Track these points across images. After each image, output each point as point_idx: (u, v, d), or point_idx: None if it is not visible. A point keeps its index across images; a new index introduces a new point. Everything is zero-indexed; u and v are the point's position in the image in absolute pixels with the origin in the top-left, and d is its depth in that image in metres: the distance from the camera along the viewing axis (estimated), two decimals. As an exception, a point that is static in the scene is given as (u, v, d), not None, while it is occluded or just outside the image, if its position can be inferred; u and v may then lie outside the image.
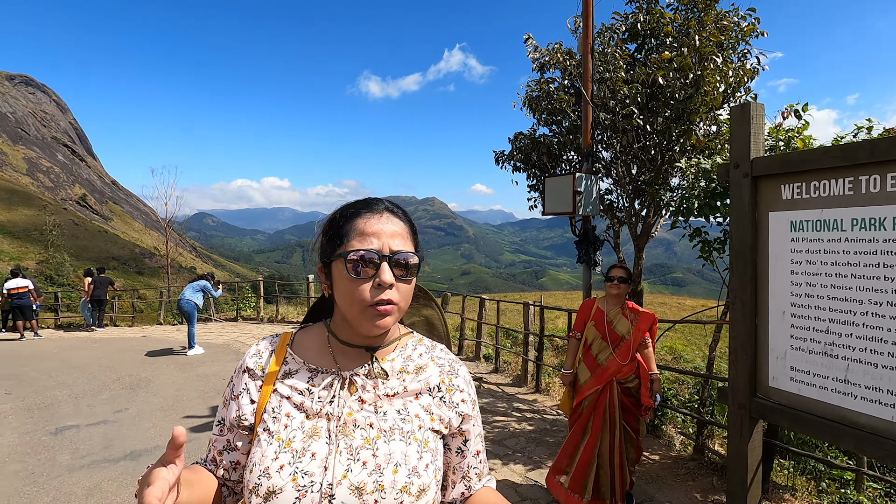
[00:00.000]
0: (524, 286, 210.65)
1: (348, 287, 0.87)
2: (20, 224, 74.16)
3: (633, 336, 3.19)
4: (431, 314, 1.20)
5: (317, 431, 0.87)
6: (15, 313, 12.75)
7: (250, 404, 0.93)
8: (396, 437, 0.88)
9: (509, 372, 7.89)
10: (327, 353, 0.96)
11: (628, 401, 3.25)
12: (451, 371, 1.00)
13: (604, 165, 5.45)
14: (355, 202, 0.96)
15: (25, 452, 5.02)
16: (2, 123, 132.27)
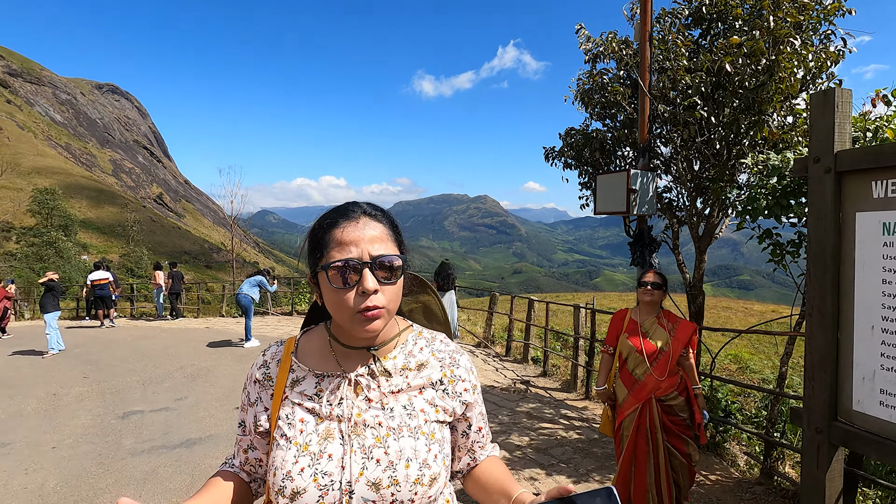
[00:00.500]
0: (577, 286, 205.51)
1: (333, 297, 0.90)
2: (106, 220, 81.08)
3: (672, 348, 2.89)
4: (429, 300, 1.22)
5: (330, 433, 0.92)
6: (97, 303, 13.90)
7: (265, 412, 0.99)
8: (405, 433, 0.92)
9: (558, 376, 7.63)
10: (330, 356, 1.00)
11: (671, 421, 2.94)
12: (451, 363, 1.04)
13: (662, 161, 5.10)
14: (332, 210, 0.97)
15: (96, 434, 5.39)
16: (92, 128, 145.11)
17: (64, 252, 47.23)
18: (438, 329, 1.18)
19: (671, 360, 2.90)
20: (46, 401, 6.77)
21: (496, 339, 10.32)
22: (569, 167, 5.65)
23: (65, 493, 4.03)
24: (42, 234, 51.47)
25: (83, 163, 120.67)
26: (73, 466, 4.53)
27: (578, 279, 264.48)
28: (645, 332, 2.99)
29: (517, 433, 5.10)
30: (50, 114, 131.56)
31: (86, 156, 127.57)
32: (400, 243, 0.97)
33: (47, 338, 9.88)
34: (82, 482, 4.20)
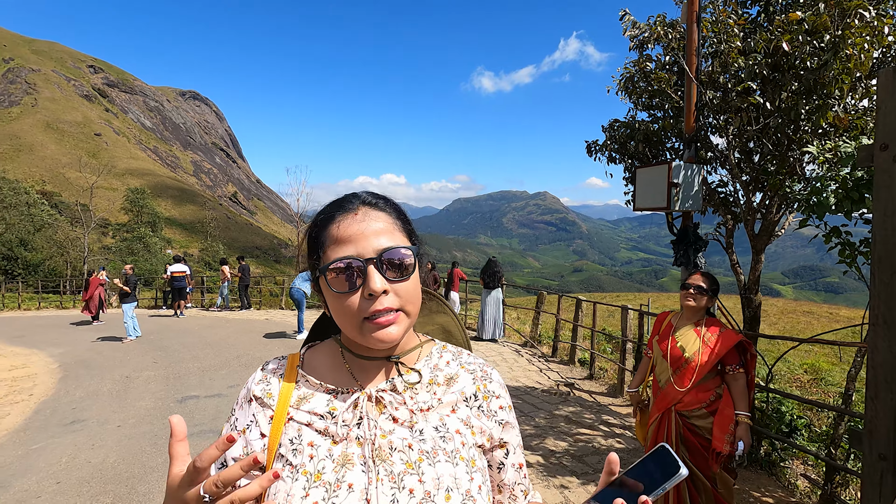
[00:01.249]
0: (642, 286, 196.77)
1: (336, 304, 0.77)
2: (187, 217, 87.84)
3: (702, 359, 2.58)
4: (447, 321, 1.06)
5: (349, 459, 0.75)
6: (174, 294, 15.04)
7: (260, 439, 0.80)
8: (441, 457, 0.77)
9: (605, 380, 7.30)
10: (343, 370, 0.84)
11: (696, 440, 2.61)
12: (484, 376, 0.89)
13: (717, 153, 4.69)
14: (328, 204, 0.84)
15: (155, 416, 5.81)
16: (176, 132, 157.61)
17: (151, 246, 51.63)
18: None
19: (698, 372, 2.58)
20: (120, 382, 7.40)
21: (543, 339, 10.07)
22: (613, 161, 5.36)
23: (120, 469, 4.36)
24: (133, 230, 56.62)
25: (168, 164, 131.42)
26: (132, 445, 4.91)
27: (643, 279, 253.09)
28: (676, 337, 2.73)
29: (553, 437, 4.92)
30: (141, 120, 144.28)
31: (171, 158, 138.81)
32: (410, 233, 0.84)
33: (125, 326, 10.83)
34: (136, 460, 4.54)
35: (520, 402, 6.07)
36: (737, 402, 2.54)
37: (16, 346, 10.69)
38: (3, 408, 6.39)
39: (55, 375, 8.00)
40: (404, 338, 0.85)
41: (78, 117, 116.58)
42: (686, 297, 2.72)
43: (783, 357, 9.79)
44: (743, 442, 2.48)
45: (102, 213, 58.50)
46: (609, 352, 9.18)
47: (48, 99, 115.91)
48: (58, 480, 4.18)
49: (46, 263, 37.60)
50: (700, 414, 2.61)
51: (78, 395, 6.85)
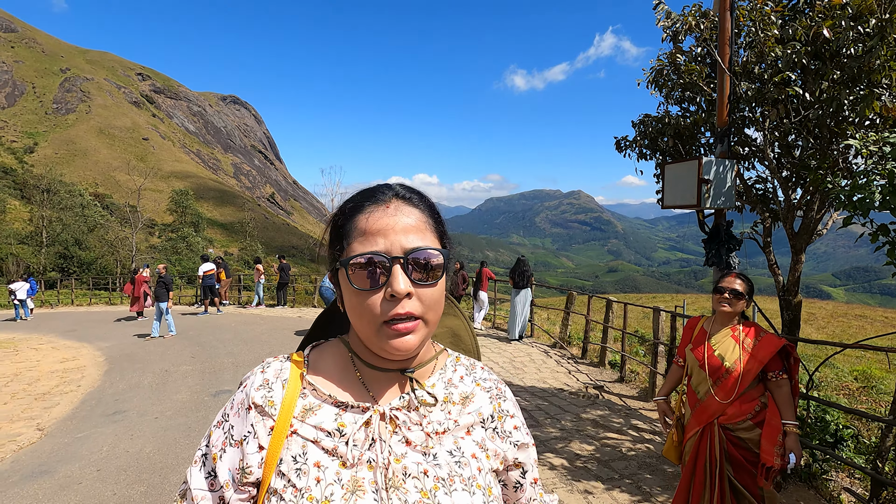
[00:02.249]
0: (680, 287, 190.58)
1: (354, 301, 0.71)
2: (228, 218, 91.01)
3: (745, 367, 2.40)
4: (457, 324, 1.00)
5: (360, 485, 0.69)
6: (205, 292, 15.50)
7: (258, 452, 0.72)
8: (458, 485, 0.72)
9: (636, 383, 7.10)
10: (354, 379, 0.78)
11: (741, 455, 2.44)
12: (499, 395, 0.84)
13: (753, 148, 4.47)
14: (359, 193, 0.78)
15: (190, 409, 6.04)
16: (217, 136, 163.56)
17: (194, 245, 53.75)
18: None
19: (741, 382, 2.41)
20: (160, 375, 7.73)
21: (572, 341, 9.88)
22: (643, 157, 5.20)
23: (156, 459, 4.55)
24: (177, 230, 59.15)
25: (210, 167, 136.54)
26: (167, 436, 5.11)
27: (681, 279, 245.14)
28: (712, 344, 2.54)
29: (579, 441, 4.82)
30: (185, 124, 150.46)
31: (212, 160, 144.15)
32: (442, 234, 0.78)
33: (165, 322, 11.29)
34: (171, 451, 4.72)
35: (546, 405, 5.98)
36: (783, 410, 2.36)
37: (68, 340, 11.34)
38: (54, 397, 6.78)
39: (101, 368, 8.43)
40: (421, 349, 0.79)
41: (127, 123, 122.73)
42: (720, 301, 2.53)
43: (830, 363, 9.26)
44: (794, 454, 2.30)
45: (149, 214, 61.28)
46: (641, 354, 8.93)
47: (100, 106, 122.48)
48: (98, 468, 4.39)
49: (98, 262, 39.78)
50: (745, 426, 2.43)
51: (121, 387, 7.20)
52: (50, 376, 7.94)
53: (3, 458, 4.76)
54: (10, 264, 33.96)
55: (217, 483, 0.74)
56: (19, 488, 4.05)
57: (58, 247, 40.21)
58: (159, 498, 3.82)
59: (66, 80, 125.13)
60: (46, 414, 6.07)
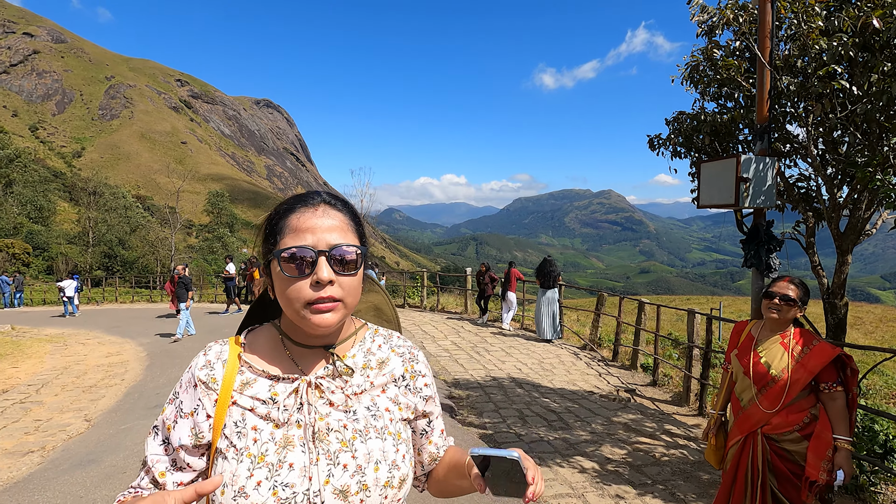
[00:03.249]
0: (716, 289, 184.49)
1: (284, 286, 0.83)
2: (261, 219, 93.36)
3: (793, 377, 2.26)
4: (379, 300, 1.17)
5: (290, 441, 0.83)
6: (228, 292, 15.70)
7: (206, 420, 0.86)
8: (372, 435, 0.87)
9: (669, 387, 6.92)
10: (284, 356, 0.91)
11: (787, 467, 2.31)
12: (411, 358, 0.99)
13: (796, 145, 4.29)
14: (291, 197, 0.92)
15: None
16: (251, 139, 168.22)
17: (229, 246, 55.39)
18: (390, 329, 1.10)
19: (788, 392, 2.27)
20: (197, 371, 8.00)
21: (603, 343, 9.71)
22: (678, 156, 5.06)
23: (194, 451, 4.71)
24: (213, 230, 61.12)
25: (244, 169, 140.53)
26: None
27: (717, 281, 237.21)
28: (759, 351, 2.41)
29: (609, 445, 4.73)
30: (221, 128, 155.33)
31: (246, 163, 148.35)
32: (361, 235, 0.92)
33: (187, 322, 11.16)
34: (208, 444, 4.89)
35: (576, 407, 5.89)
36: (835, 424, 2.21)
37: (112, 336, 11.87)
38: (100, 390, 7.12)
39: (143, 363, 8.80)
40: (342, 326, 0.93)
41: (167, 127, 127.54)
42: (769, 308, 2.35)
43: (879, 370, 8.79)
44: (843, 471, 2.16)
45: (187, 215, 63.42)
46: (675, 358, 8.70)
47: (142, 111, 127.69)
48: (140, 459, 4.59)
49: (140, 261, 41.51)
50: (792, 438, 2.30)
51: (161, 381, 7.49)
52: (96, 370, 8.33)
53: (55, 446, 5.03)
54: (60, 263, 35.83)
55: (170, 448, 0.87)
56: (69, 475, 4.27)
57: (103, 246, 42.17)
58: (197, 489, 3.96)
59: (111, 88, 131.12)
60: (93, 406, 6.37)
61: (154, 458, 0.87)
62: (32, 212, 45.95)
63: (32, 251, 37.70)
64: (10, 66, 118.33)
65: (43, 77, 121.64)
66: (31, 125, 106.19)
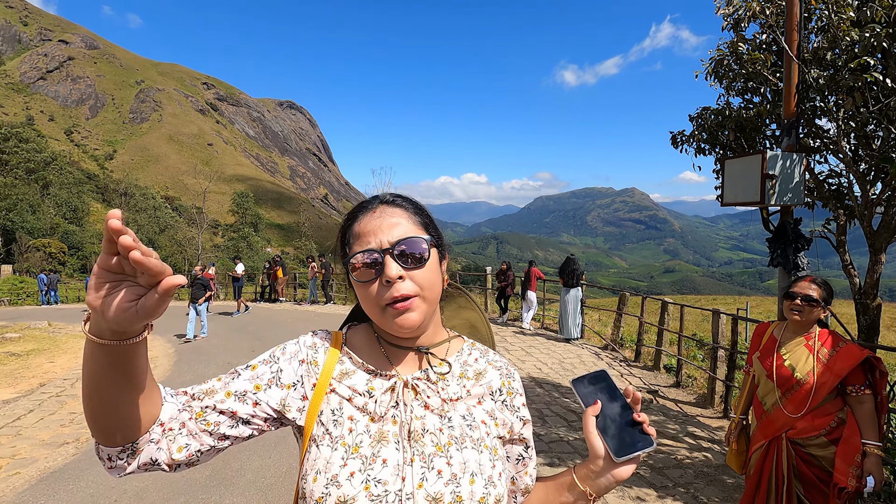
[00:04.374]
0: (743, 289, 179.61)
1: (361, 292, 0.85)
2: (285, 219, 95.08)
3: (819, 380, 2.19)
4: (473, 316, 1.12)
5: (384, 436, 0.82)
6: (237, 293, 15.52)
7: (301, 401, 0.85)
8: (468, 444, 0.84)
9: (693, 389, 6.79)
10: (380, 354, 0.91)
11: (813, 473, 2.25)
12: (508, 374, 0.95)
13: (826, 140, 4.16)
14: (355, 207, 0.93)
15: (250, 399, 6.37)
16: (275, 140, 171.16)
17: (253, 245, 56.53)
18: None
19: (813, 396, 2.20)
20: (223, 367, 8.19)
21: (625, 343, 9.57)
22: (702, 152, 4.96)
23: (219, 445, 4.84)
24: (238, 230, 62.48)
25: (268, 169, 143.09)
26: (229, 424, 5.42)
27: (745, 281, 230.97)
28: (782, 353, 2.33)
29: (631, 446, 4.67)
30: (245, 130, 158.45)
31: (270, 163, 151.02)
32: (427, 226, 0.89)
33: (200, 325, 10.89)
34: (232, 438, 5.01)
35: (597, 407, 5.84)
36: (864, 429, 2.14)
37: (142, 332, 12.24)
38: (130, 385, 7.35)
39: (171, 359, 9.05)
40: (432, 330, 0.91)
41: (194, 129, 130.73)
42: (791, 308, 2.29)
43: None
44: (873, 477, 2.09)
45: (213, 215, 64.85)
46: (700, 359, 8.52)
47: (170, 114, 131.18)
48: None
49: (169, 260, 42.73)
50: (819, 442, 2.23)
51: (188, 377, 7.70)
52: (127, 365, 8.61)
53: (88, 438, 5.22)
54: (93, 262, 37.12)
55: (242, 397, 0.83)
56: (101, 467, 4.42)
57: (133, 246, 43.47)
58: (222, 482, 4.07)
59: (141, 92, 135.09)
60: (124, 400, 6.59)
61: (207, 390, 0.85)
62: (68, 212, 47.76)
63: (68, 250, 39.16)
64: (47, 72, 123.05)
65: (77, 82, 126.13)
66: (67, 129, 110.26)
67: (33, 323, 13.68)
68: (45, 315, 16.48)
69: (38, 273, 25.08)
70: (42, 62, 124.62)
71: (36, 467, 4.47)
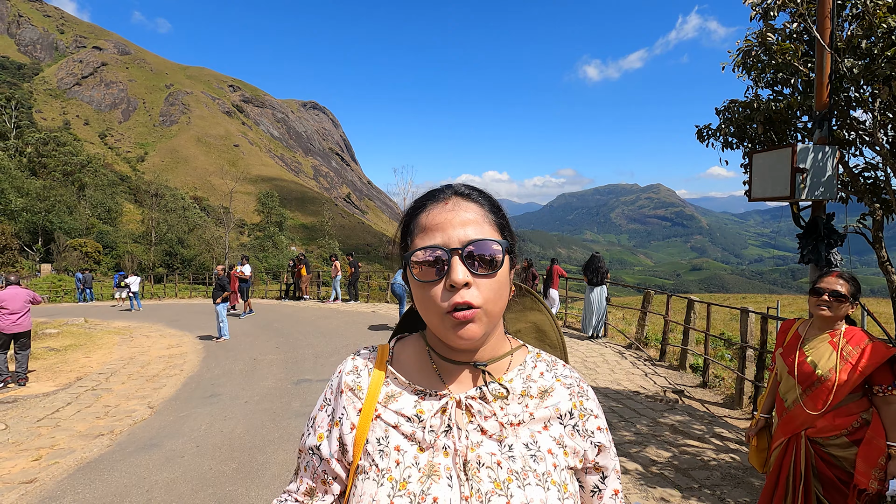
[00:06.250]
0: (775, 287, 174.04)
1: (419, 293, 0.75)
2: (308, 217, 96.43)
3: (842, 377, 2.13)
4: (541, 319, 0.99)
5: (435, 470, 0.73)
6: (243, 293, 15.22)
7: (350, 432, 0.79)
8: (531, 480, 0.74)
9: (720, 389, 6.62)
10: (431, 371, 0.82)
11: (834, 473, 2.19)
12: (580, 393, 0.83)
13: (861, 132, 3.99)
14: (424, 194, 0.83)
15: (275, 395, 6.50)
16: (299, 140, 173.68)
17: (278, 244, 57.52)
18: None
19: (835, 394, 2.14)
20: (249, 363, 8.39)
21: (650, 342, 9.40)
22: (729, 146, 4.82)
23: (245, 440, 4.95)
24: (264, 229, 63.66)
25: (292, 170, 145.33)
26: (255, 419, 5.55)
27: (776, 279, 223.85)
28: (805, 350, 2.29)
29: (655, 446, 4.59)
30: (270, 131, 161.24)
31: (294, 164, 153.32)
32: (503, 227, 0.79)
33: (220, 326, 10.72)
34: (258, 433, 5.12)
35: (620, 407, 5.75)
36: (889, 430, 2.07)
37: (173, 329, 12.63)
38: (162, 380, 7.59)
39: (200, 355, 9.31)
40: (493, 342, 0.81)
41: (221, 131, 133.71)
42: (818, 304, 2.24)
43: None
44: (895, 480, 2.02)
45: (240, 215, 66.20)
46: (728, 359, 8.31)
47: (198, 117, 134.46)
48: (197, 444, 4.87)
49: (197, 259, 43.90)
50: (840, 442, 2.18)
51: (216, 372, 7.90)
52: (158, 361, 8.89)
53: (122, 430, 5.42)
54: (126, 261, 38.43)
55: (323, 457, 0.82)
56: (135, 458, 4.59)
57: (164, 245, 44.87)
58: (248, 475, 4.16)
59: (170, 95, 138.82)
60: (156, 394, 6.81)
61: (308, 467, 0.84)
62: (102, 213, 49.52)
63: (102, 249, 40.63)
64: (82, 77, 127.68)
65: (110, 87, 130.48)
66: (101, 132, 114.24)
67: (70, 319, 14.26)
68: (82, 312, 17.15)
69: (75, 272, 26.09)
70: (77, 68, 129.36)
71: (74, 457, 4.67)
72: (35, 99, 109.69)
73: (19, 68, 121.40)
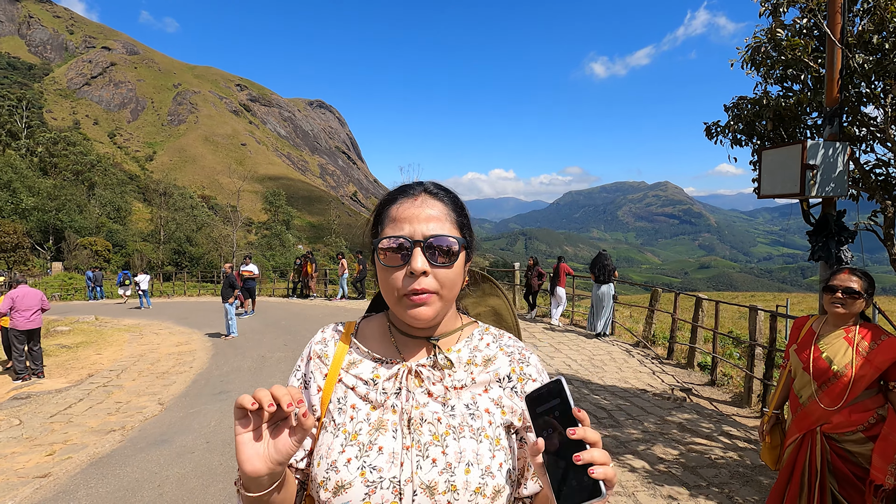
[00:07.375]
0: (784, 285, 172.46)
1: (383, 276, 0.85)
2: (315, 216, 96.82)
3: (857, 373, 2.12)
4: (498, 304, 1.11)
5: (383, 424, 0.84)
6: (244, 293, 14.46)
7: (317, 393, 0.90)
8: (466, 434, 0.83)
9: (729, 387, 6.59)
10: (390, 343, 0.93)
11: (849, 469, 2.18)
12: (521, 359, 0.93)
13: (872, 128, 3.95)
14: (397, 188, 0.93)
15: (283, 391, 6.55)
16: (305, 139, 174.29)
17: (285, 242, 57.79)
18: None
19: (851, 389, 2.14)
20: (257, 361, 8.46)
21: (657, 340, 9.36)
22: (738, 143, 4.79)
23: (254, 435, 5.00)
24: (271, 227, 64.05)
25: (299, 168, 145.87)
26: (264, 415, 5.60)
27: (786, 277, 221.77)
28: (820, 346, 2.28)
29: (662, 444, 4.58)
30: (277, 129, 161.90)
31: (301, 162, 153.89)
32: (462, 226, 0.89)
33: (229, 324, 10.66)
34: (267, 429, 5.17)
35: (628, 405, 5.74)
36: None
37: (182, 327, 12.75)
38: (172, 377, 7.68)
39: (209, 352, 9.40)
40: (446, 319, 0.91)
41: (228, 130, 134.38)
42: (832, 302, 2.24)
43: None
44: None
45: (247, 213, 66.55)
46: (736, 357, 8.26)
47: (206, 116, 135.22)
48: (207, 440, 4.93)
49: (205, 257, 44.18)
50: (855, 438, 2.18)
51: (225, 369, 7.98)
52: (168, 358, 8.99)
53: (133, 426, 5.49)
54: (136, 259, 38.79)
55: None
56: (146, 453, 4.66)
57: (173, 244, 45.22)
58: (258, 470, 4.21)
59: (178, 95, 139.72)
60: (166, 391, 6.89)
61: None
62: (112, 212, 50.02)
63: (112, 248, 41.03)
64: (91, 78, 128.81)
65: (119, 87, 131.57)
66: (110, 132, 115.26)
67: (81, 317, 14.44)
68: (92, 310, 17.34)
69: (86, 270, 26.39)
70: (87, 68, 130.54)
71: (86, 452, 4.74)
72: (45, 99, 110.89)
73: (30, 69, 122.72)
